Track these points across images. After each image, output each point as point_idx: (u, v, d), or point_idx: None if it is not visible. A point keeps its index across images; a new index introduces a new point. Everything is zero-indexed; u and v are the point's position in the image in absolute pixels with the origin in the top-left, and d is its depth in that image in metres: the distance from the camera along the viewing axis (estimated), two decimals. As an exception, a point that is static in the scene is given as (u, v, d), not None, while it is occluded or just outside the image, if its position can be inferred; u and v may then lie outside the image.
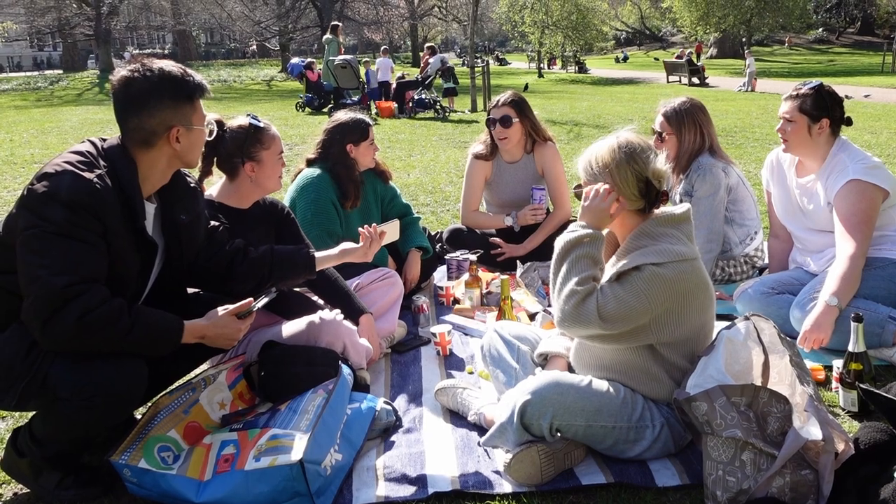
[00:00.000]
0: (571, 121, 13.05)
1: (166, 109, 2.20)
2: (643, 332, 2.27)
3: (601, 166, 2.32)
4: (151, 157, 2.25)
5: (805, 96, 3.21)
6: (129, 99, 2.18)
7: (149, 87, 2.17)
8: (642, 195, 2.31)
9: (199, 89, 2.28)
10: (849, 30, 45.35)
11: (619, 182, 2.30)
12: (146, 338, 2.15)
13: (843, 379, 2.66)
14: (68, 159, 2.12)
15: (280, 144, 3.00)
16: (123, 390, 2.13)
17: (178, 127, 2.23)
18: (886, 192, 3.10)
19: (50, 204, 2.03)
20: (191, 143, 2.29)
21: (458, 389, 2.75)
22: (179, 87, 2.22)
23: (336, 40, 17.15)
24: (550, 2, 32.42)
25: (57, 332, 2.02)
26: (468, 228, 4.48)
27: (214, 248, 2.58)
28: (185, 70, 2.27)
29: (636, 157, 2.30)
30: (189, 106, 2.25)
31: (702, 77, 24.78)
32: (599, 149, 2.35)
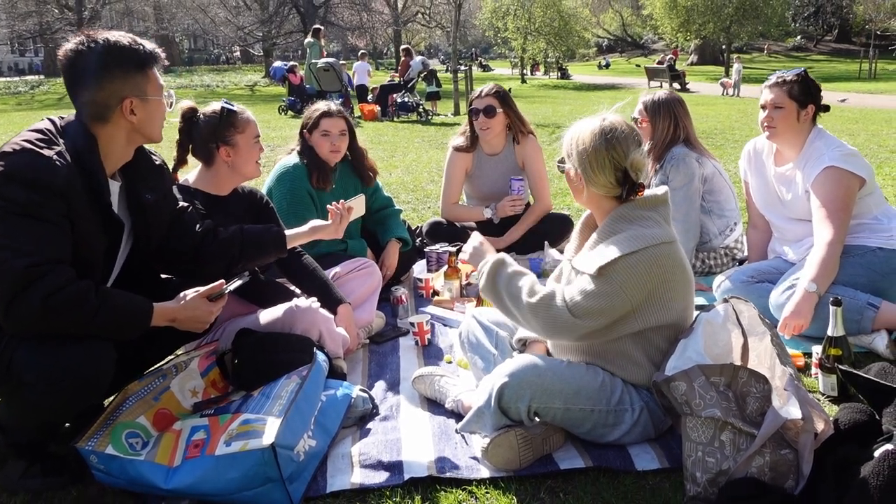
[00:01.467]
0: (554, 123, 13.07)
1: (116, 80, 2.11)
2: (629, 320, 2.23)
3: (580, 150, 2.28)
4: (109, 132, 2.16)
5: (793, 83, 3.20)
6: (77, 73, 2.10)
7: (95, 59, 2.08)
8: (619, 183, 2.26)
9: (152, 58, 2.18)
10: (826, 38, 45.83)
11: (594, 167, 2.25)
12: (114, 320, 2.08)
13: (823, 364, 2.64)
14: (27, 137, 2.04)
15: (255, 128, 2.94)
16: (90, 373, 2.05)
17: (130, 98, 2.13)
18: (863, 179, 3.09)
19: (9, 184, 1.95)
20: (148, 115, 2.19)
21: (436, 377, 2.70)
22: (128, 56, 2.13)
23: (318, 44, 17.08)
24: (533, 8, 32.53)
25: (21, 314, 1.94)
26: (448, 222, 4.44)
27: (183, 229, 2.51)
28: (134, 39, 2.17)
29: (616, 144, 2.24)
30: (141, 75, 2.15)
31: (683, 83, 24.98)
32: (583, 130, 2.29)
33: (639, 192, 2.28)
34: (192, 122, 2.89)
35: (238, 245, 2.57)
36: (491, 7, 34.84)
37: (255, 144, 2.93)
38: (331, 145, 3.65)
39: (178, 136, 2.94)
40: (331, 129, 3.66)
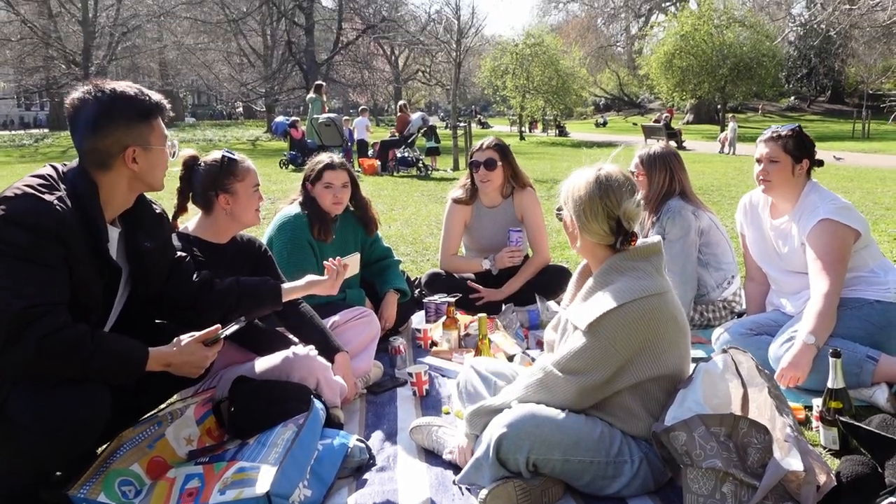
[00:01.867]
0: (552, 179, 13.18)
1: (119, 129, 2.15)
2: (625, 373, 2.23)
3: (575, 198, 2.31)
4: (111, 180, 2.19)
5: (787, 137, 3.25)
6: (82, 120, 2.14)
7: (101, 108, 2.13)
8: (612, 232, 2.29)
9: (156, 108, 2.23)
10: (820, 98, 46.67)
11: (588, 215, 2.28)
12: (109, 363, 2.08)
13: (824, 416, 2.61)
14: (28, 182, 2.08)
15: (255, 177, 2.98)
16: (85, 419, 2.03)
17: (133, 147, 2.17)
18: (858, 232, 3.12)
19: (8, 227, 1.97)
20: (150, 164, 2.23)
21: (434, 427, 2.68)
22: (133, 105, 2.18)
23: (320, 99, 17.37)
24: (531, 67, 33.15)
25: (16, 356, 1.94)
26: (446, 272, 4.45)
27: (181, 278, 2.52)
28: (140, 90, 2.23)
29: (611, 193, 2.27)
30: (145, 125, 2.20)
31: (679, 141, 25.29)
32: (579, 178, 2.33)
33: (632, 241, 2.30)
34: (193, 170, 2.93)
35: (234, 296, 2.59)
36: (490, 66, 35.50)
37: (255, 193, 2.96)
38: (333, 197, 3.68)
39: (179, 184, 2.98)
40: (333, 181, 3.70)
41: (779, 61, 34.94)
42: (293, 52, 36.30)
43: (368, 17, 38.71)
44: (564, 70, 33.84)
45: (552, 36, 36.64)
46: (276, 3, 35.94)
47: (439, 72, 40.90)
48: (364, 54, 40.25)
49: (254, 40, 38.40)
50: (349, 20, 39.48)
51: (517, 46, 34.06)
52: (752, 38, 33.79)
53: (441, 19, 31.11)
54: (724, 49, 32.86)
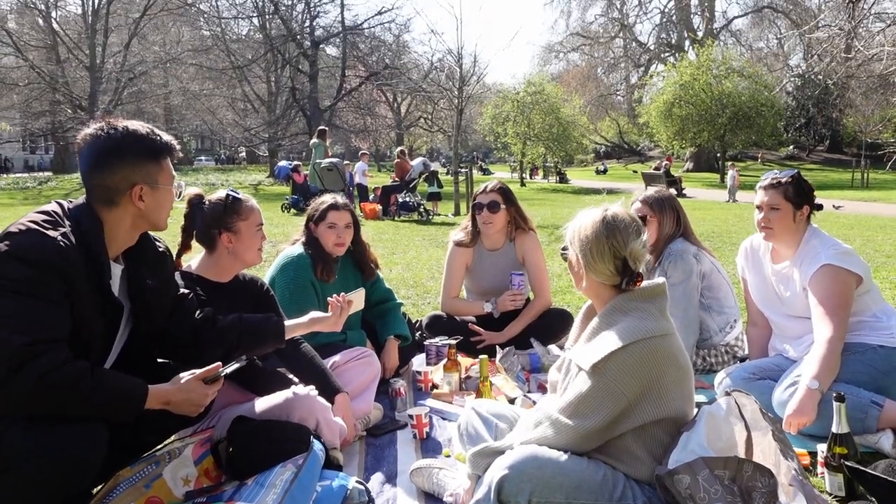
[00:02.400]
0: (553, 224, 13.24)
1: (128, 167, 2.18)
2: (628, 415, 2.21)
3: (581, 237, 2.33)
4: (116, 217, 2.22)
5: (787, 184, 3.27)
6: (93, 157, 2.17)
7: (111, 145, 2.16)
8: (618, 272, 2.30)
9: (166, 149, 2.27)
10: (818, 147, 47.09)
11: (594, 255, 2.30)
12: (109, 401, 2.06)
13: (829, 462, 2.59)
14: (32, 218, 2.09)
15: (258, 217, 3.00)
16: (82, 457, 2.01)
17: (140, 185, 2.20)
18: (860, 277, 3.13)
19: (11, 262, 1.98)
20: (156, 203, 2.26)
21: (435, 469, 2.65)
22: (143, 144, 2.21)
23: (323, 144, 17.55)
24: (532, 115, 33.56)
25: (16, 392, 1.93)
26: (448, 315, 4.45)
27: (183, 315, 2.53)
28: (152, 129, 2.26)
29: (617, 233, 2.29)
30: (153, 164, 2.24)
31: (679, 188, 25.45)
32: (585, 219, 2.35)
33: (637, 282, 2.30)
34: (197, 208, 2.96)
35: (236, 334, 2.59)
36: (491, 113, 35.93)
37: (258, 232, 2.98)
38: (336, 238, 3.71)
39: (184, 222, 3.00)
40: (337, 221, 3.73)
41: (777, 111, 35.35)
42: (297, 98, 36.81)
43: (371, 64, 39.32)
44: (565, 118, 34.24)
45: (553, 84, 37.17)
46: (280, 51, 36.55)
47: (441, 118, 41.34)
48: (367, 101, 40.78)
49: (258, 87, 38.94)
50: (352, 67, 40.11)
51: (518, 94, 34.54)
52: (750, 88, 34.27)
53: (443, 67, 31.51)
54: (723, 98, 33.31)
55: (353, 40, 39.25)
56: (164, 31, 39.22)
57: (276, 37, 36.68)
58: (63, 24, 36.01)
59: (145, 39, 36.55)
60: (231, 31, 39.32)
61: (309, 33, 38.59)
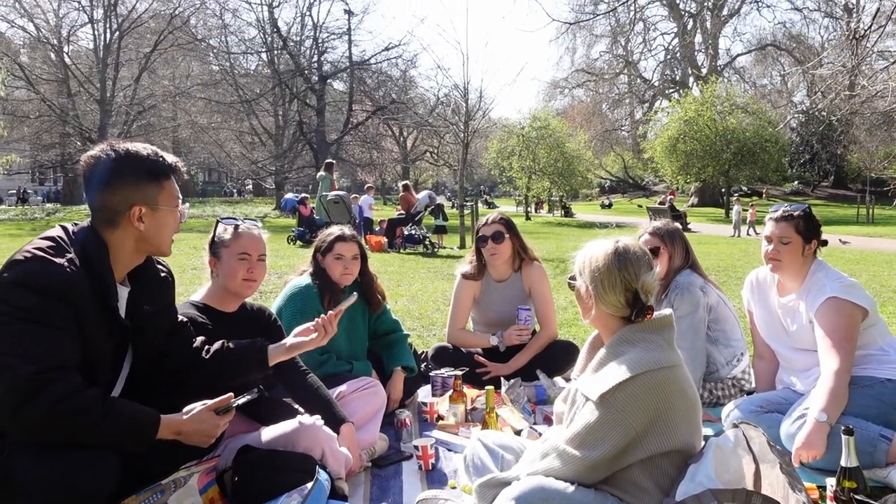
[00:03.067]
0: (558, 258, 13.25)
1: (127, 187, 2.18)
2: (635, 447, 2.20)
3: (592, 268, 2.33)
4: (118, 238, 2.22)
5: (799, 218, 3.28)
6: (94, 177, 2.18)
7: (111, 166, 2.17)
8: (629, 304, 2.30)
9: (169, 170, 2.26)
10: (823, 183, 47.21)
11: (605, 286, 2.30)
12: (120, 429, 2.07)
13: (838, 496, 2.56)
14: (38, 245, 2.09)
15: (244, 246, 2.94)
16: (90, 488, 2.00)
17: (140, 206, 2.20)
18: (865, 310, 3.13)
19: (17, 290, 1.98)
20: (157, 225, 2.25)
21: (441, 501, 2.64)
22: (143, 164, 2.21)
23: (329, 177, 17.66)
24: (537, 149, 33.80)
25: (28, 421, 1.94)
26: (453, 346, 4.45)
27: (178, 344, 2.51)
28: (155, 151, 2.26)
29: (629, 265, 2.30)
30: (154, 185, 2.23)
31: (684, 223, 25.50)
32: (596, 249, 2.36)
33: (648, 314, 2.31)
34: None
35: (218, 362, 2.55)
36: (497, 147, 36.22)
37: (241, 261, 2.92)
38: (343, 268, 3.72)
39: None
40: (344, 252, 3.75)
41: (782, 146, 35.56)
42: (304, 131, 37.16)
43: (378, 99, 39.75)
44: (570, 152, 34.49)
45: (558, 119, 37.51)
46: (288, 86, 37.01)
47: (447, 152, 41.64)
48: (373, 135, 41.14)
49: (266, 120, 39.34)
50: (359, 102, 40.53)
51: (523, 129, 34.86)
52: (754, 124, 34.52)
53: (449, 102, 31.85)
54: (728, 134, 33.53)
55: (361, 75, 39.74)
56: (174, 65, 39.82)
57: (284, 71, 37.19)
58: (75, 59, 36.60)
59: (155, 73, 37.11)
60: (240, 65, 39.85)
61: (317, 68, 39.10)
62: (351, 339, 3.88)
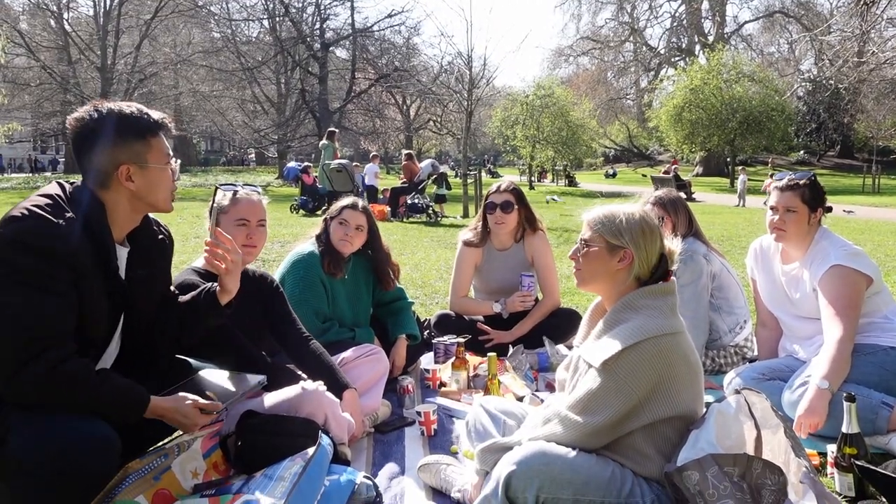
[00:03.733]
0: (562, 227, 13.26)
1: (114, 146, 2.15)
2: (638, 413, 2.21)
3: (628, 225, 2.30)
4: (112, 199, 2.19)
5: (804, 187, 3.25)
6: (81, 139, 2.15)
7: (96, 126, 2.14)
8: (656, 266, 2.31)
9: (155, 126, 2.22)
10: (829, 152, 46.87)
11: (645, 247, 2.30)
12: (114, 400, 2.08)
13: (839, 462, 2.57)
14: (36, 203, 2.05)
15: (244, 211, 2.92)
16: (94, 469, 2.00)
17: (127, 165, 2.16)
18: (870, 278, 3.11)
19: (17, 250, 1.95)
20: (148, 182, 2.21)
21: (442, 466, 2.65)
22: (129, 123, 2.17)
23: (332, 145, 17.60)
24: (541, 118, 33.54)
25: (24, 385, 1.94)
26: (456, 314, 4.45)
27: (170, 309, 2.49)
28: (140, 109, 2.22)
29: (660, 231, 2.34)
30: (141, 143, 2.19)
31: (688, 192, 25.38)
32: (630, 210, 2.34)
33: (667, 278, 2.32)
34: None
35: (178, 318, 2.51)
36: (500, 116, 35.95)
37: (240, 227, 2.90)
38: (343, 234, 3.72)
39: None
40: (349, 219, 3.75)
41: (788, 115, 35.24)
42: (306, 100, 36.93)
43: (381, 67, 39.40)
44: (574, 121, 34.22)
45: (562, 88, 37.15)
46: (290, 53, 36.68)
47: (450, 121, 41.39)
48: (376, 103, 40.85)
49: (268, 88, 39.09)
50: (362, 70, 40.20)
51: (528, 97, 34.53)
52: (761, 93, 34.17)
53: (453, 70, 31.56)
54: (734, 103, 33.21)
55: (363, 43, 39.35)
56: (175, 32, 39.46)
57: (286, 39, 36.84)
58: (75, 26, 36.32)
59: (156, 41, 36.82)
60: (241, 33, 39.55)
61: (319, 35, 38.73)
62: (354, 307, 3.89)
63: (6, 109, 33.61)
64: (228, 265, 2.41)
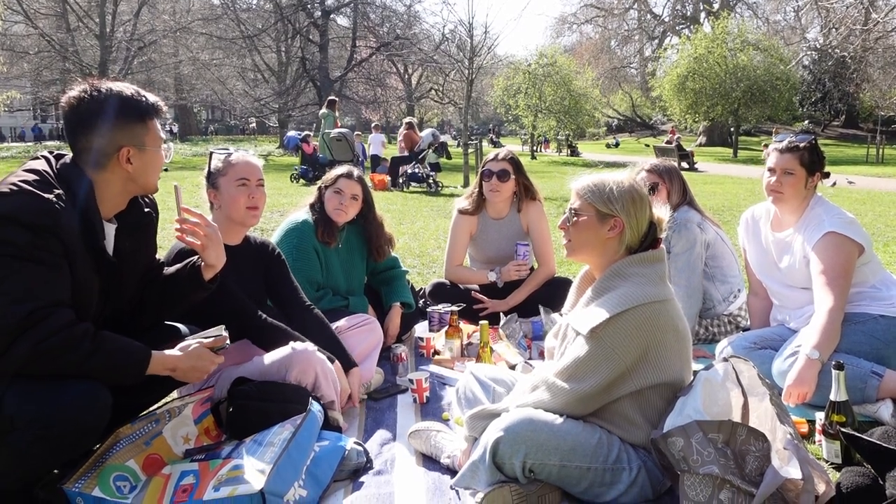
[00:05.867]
0: (562, 197, 13.21)
1: (115, 129, 2.15)
2: (625, 380, 2.22)
3: (618, 193, 2.30)
4: (105, 179, 2.19)
5: (805, 149, 3.22)
6: (78, 119, 2.15)
7: (96, 107, 2.13)
8: (645, 234, 2.31)
9: (153, 110, 2.23)
10: (834, 122, 46.52)
11: (635, 215, 2.30)
12: (109, 365, 2.08)
13: (826, 430, 2.59)
14: (23, 178, 2.05)
15: (241, 171, 2.89)
16: (85, 424, 2.03)
17: (128, 147, 2.18)
18: (861, 247, 3.10)
19: (7, 225, 1.96)
20: (144, 165, 2.23)
21: (432, 432, 2.68)
22: (130, 106, 2.18)
23: (332, 114, 17.49)
24: (544, 87, 33.24)
25: (13, 357, 1.95)
26: (451, 283, 4.46)
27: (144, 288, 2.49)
28: (137, 91, 2.23)
29: (650, 199, 2.34)
30: (140, 126, 2.20)
31: (691, 162, 25.25)
32: (619, 178, 2.34)
33: (655, 245, 2.33)
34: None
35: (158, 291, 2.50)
36: (502, 85, 35.62)
37: (241, 187, 2.88)
38: (338, 203, 3.71)
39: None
40: (344, 188, 3.73)
41: (793, 85, 34.86)
42: (307, 68, 36.60)
43: (382, 35, 39.00)
44: (577, 90, 33.89)
45: (565, 56, 36.76)
46: (291, 21, 36.27)
47: (452, 90, 41.07)
48: (377, 72, 40.51)
49: (268, 57, 38.71)
50: (363, 38, 39.78)
51: (530, 66, 34.19)
52: (766, 62, 33.79)
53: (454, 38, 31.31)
54: (738, 72, 32.86)
55: (364, 10, 38.90)
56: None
57: (286, 6, 36.38)
58: (73, -9, 35.85)
59: (155, 8, 36.38)
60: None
61: (319, 2, 38.24)
62: (348, 276, 3.89)
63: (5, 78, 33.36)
64: (203, 240, 2.39)
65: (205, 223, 2.39)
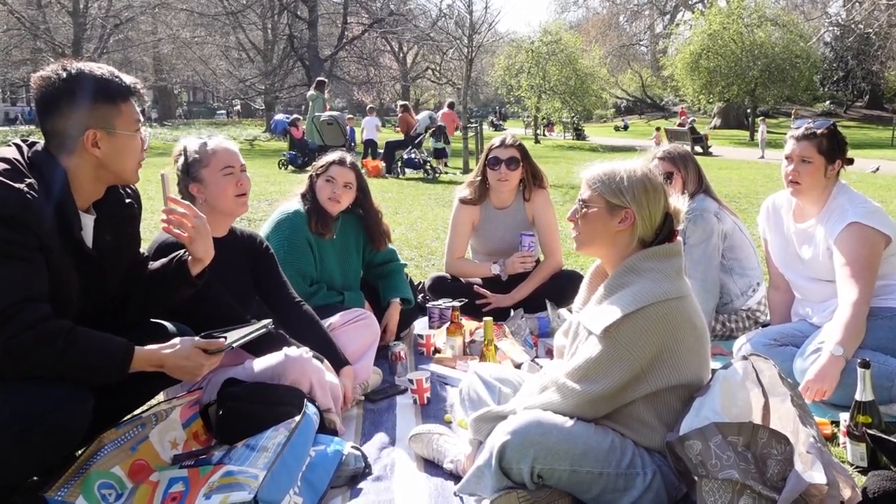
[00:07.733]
0: (568, 184, 13.21)
1: (81, 110, 2.13)
2: (640, 382, 2.23)
3: (629, 183, 2.29)
4: (75, 165, 2.18)
5: (822, 136, 3.22)
6: (45, 100, 2.14)
7: (63, 87, 2.12)
8: (660, 227, 2.32)
9: (126, 91, 2.21)
10: (857, 103, 46.48)
11: (648, 206, 2.30)
12: (85, 362, 2.08)
13: (851, 432, 2.61)
14: None
15: (225, 158, 2.89)
16: (64, 426, 2.03)
17: (94, 130, 2.15)
18: (888, 237, 3.11)
19: None
20: (115, 150, 2.20)
21: (434, 436, 2.69)
22: (98, 86, 2.15)
23: (321, 96, 17.47)
24: (548, 66, 33.19)
25: None
26: (452, 276, 4.46)
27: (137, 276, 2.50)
28: (112, 72, 2.21)
29: (664, 189, 2.33)
30: (110, 107, 2.18)
31: (705, 146, 25.24)
32: (632, 166, 2.33)
33: (672, 238, 2.33)
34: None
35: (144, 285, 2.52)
36: (504, 64, 35.59)
37: (227, 176, 2.88)
38: (331, 192, 3.71)
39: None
40: (336, 176, 3.73)
41: (813, 63, 34.85)
42: (295, 47, 36.49)
43: (375, 10, 38.90)
44: (583, 70, 33.86)
45: (571, 33, 36.72)
46: (277, -5, 36.18)
47: (450, 70, 41.05)
48: (370, 50, 40.43)
49: (253, 34, 38.58)
50: (355, 14, 39.67)
51: (533, 44, 34.14)
52: (784, 39, 33.76)
53: (452, 14, 31.28)
54: (755, 49, 32.83)
55: (356, -18, 38.81)
56: (152, -29, 38.82)
57: (272, -21, 36.31)
58: (43, -36, 35.65)
59: (132, -19, 36.20)
60: (224, -29, 38.88)
61: (308, -25, 38.16)
62: (343, 269, 3.90)
63: (-29, 58, 33.27)
64: (191, 232, 2.39)
65: (193, 214, 2.39)
